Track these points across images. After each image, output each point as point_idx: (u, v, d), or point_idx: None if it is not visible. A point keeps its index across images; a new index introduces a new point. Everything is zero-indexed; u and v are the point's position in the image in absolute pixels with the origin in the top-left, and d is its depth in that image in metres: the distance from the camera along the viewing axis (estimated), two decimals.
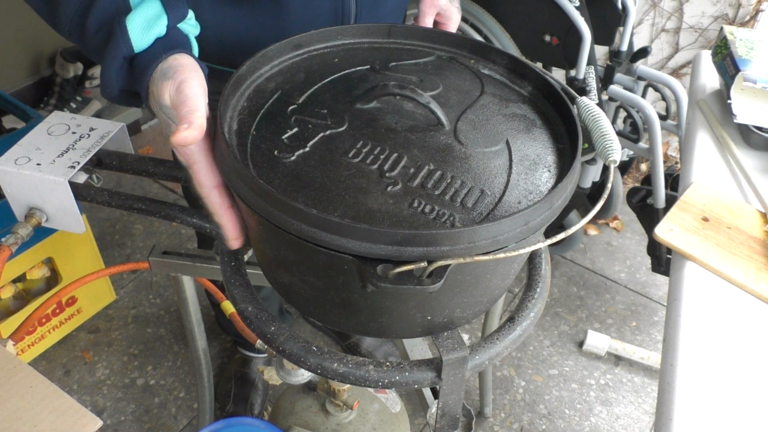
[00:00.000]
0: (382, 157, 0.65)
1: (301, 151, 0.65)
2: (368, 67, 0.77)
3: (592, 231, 2.16)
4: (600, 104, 1.65)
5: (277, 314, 1.69)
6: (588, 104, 0.69)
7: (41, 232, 1.51)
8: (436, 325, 0.66)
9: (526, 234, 0.58)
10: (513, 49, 1.72)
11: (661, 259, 1.73)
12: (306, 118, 0.69)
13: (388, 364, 0.67)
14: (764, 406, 0.69)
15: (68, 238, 1.61)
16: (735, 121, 1.02)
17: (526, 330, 0.74)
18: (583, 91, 1.61)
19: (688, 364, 0.72)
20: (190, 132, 0.60)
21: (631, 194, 1.75)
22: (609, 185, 0.61)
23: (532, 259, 0.82)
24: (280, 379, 0.99)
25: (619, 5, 1.60)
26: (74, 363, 1.71)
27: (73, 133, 0.92)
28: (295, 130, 0.67)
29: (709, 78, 1.19)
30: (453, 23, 1.00)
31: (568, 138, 0.69)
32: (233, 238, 0.70)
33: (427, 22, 0.99)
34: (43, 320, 1.65)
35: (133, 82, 0.68)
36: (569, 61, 1.60)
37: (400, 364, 0.68)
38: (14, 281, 1.62)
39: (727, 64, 1.07)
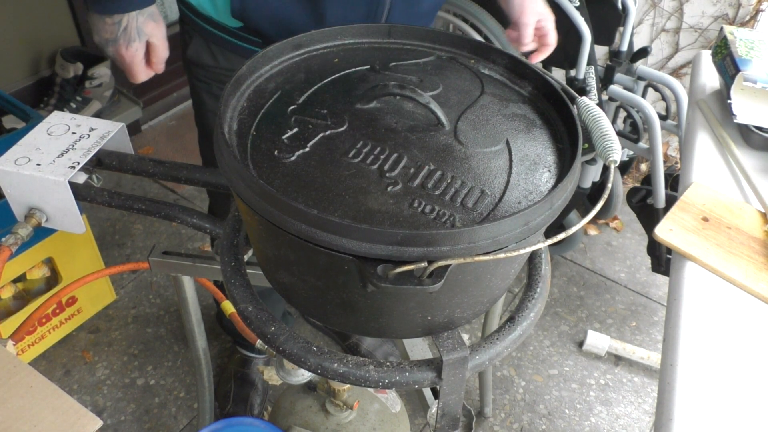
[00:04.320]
0: (382, 157, 0.65)
1: (301, 151, 0.65)
2: (368, 67, 0.77)
3: (592, 231, 2.16)
4: (600, 104, 1.65)
5: (281, 318, 1.69)
6: (588, 104, 0.69)
7: (41, 232, 1.51)
8: (437, 325, 0.66)
9: (527, 234, 0.58)
10: (513, 49, 1.72)
11: (661, 259, 1.73)
12: (306, 118, 0.69)
13: (388, 364, 0.67)
14: (764, 406, 0.69)
15: (68, 238, 1.61)
16: (735, 121, 1.02)
17: (526, 330, 0.74)
18: (583, 91, 1.61)
19: (688, 364, 0.72)
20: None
21: (631, 194, 1.75)
22: (609, 185, 0.61)
23: (532, 259, 0.82)
24: (280, 379, 0.99)
25: (619, 5, 1.60)
26: (74, 363, 1.71)
27: (73, 133, 0.92)
28: (295, 130, 0.67)
29: (709, 78, 1.19)
30: (550, 22, 1.00)
31: (568, 138, 0.69)
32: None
33: (529, 33, 0.98)
34: (43, 320, 1.65)
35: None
36: (569, 61, 1.60)
37: (401, 364, 0.68)
38: (14, 281, 1.62)
39: (727, 64, 1.07)
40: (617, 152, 0.64)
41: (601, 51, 1.85)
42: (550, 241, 0.57)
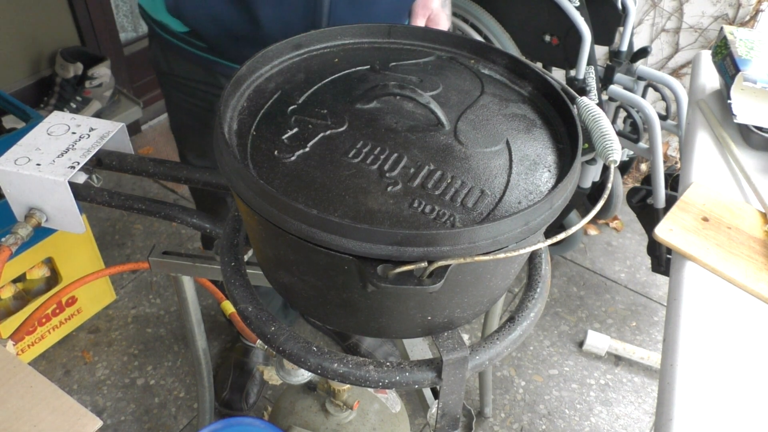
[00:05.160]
0: (382, 157, 0.65)
1: (301, 151, 0.65)
2: (368, 67, 0.77)
3: (592, 231, 2.16)
4: (600, 104, 1.65)
5: (281, 309, 1.69)
6: (588, 104, 0.69)
7: (41, 232, 1.51)
8: (436, 325, 0.66)
9: (527, 234, 0.58)
10: (513, 49, 1.72)
11: (661, 259, 1.73)
12: (306, 118, 0.69)
13: (388, 364, 0.67)
14: (764, 406, 0.69)
15: (68, 238, 1.61)
16: (735, 121, 1.02)
17: (526, 330, 0.74)
18: (583, 91, 1.61)
19: (688, 364, 0.72)
20: None
21: (631, 194, 1.75)
22: (609, 185, 0.61)
23: (532, 259, 0.82)
24: (280, 379, 0.99)
25: (619, 5, 1.60)
26: (74, 363, 1.71)
27: (73, 133, 0.92)
28: (295, 130, 0.67)
29: (709, 78, 1.19)
30: (441, 29, 1.02)
31: (568, 138, 0.69)
32: None
33: (419, 23, 1.00)
34: (43, 320, 1.65)
35: None
36: (569, 61, 1.60)
37: (401, 364, 0.68)
38: (14, 281, 1.62)
39: (727, 64, 1.07)
40: (617, 152, 0.64)
41: (601, 51, 1.85)
42: (550, 241, 0.57)
